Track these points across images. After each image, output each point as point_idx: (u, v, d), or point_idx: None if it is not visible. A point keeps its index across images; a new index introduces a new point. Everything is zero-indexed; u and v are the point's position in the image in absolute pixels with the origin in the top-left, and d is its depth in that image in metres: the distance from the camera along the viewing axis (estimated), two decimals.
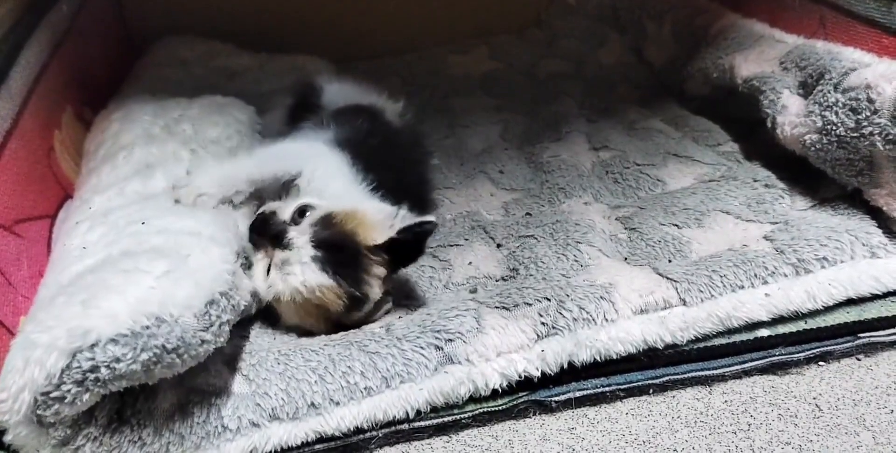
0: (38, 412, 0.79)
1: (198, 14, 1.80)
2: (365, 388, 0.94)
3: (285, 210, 1.03)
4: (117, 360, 0.79)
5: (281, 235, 1.00)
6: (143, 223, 1.02)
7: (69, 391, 0.79)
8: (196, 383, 0.93)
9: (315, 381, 0.94)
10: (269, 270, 1.01)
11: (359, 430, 0.93)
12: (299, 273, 0.98)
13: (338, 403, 0.93)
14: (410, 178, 1.29)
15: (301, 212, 1.01)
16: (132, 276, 0.88)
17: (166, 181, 1.14)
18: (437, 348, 0.97)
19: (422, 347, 0.97)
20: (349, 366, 0.95)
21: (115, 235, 1.01)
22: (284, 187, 1.11)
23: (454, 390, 0.96)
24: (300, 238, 0.99)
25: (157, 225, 1.02)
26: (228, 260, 0.98)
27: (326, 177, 1.10)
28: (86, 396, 0.80)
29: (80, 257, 0.99)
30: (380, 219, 1.01)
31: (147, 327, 0.81)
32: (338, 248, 0.99)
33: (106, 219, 1.06)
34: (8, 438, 0.81)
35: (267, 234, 1.01)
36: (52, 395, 0.79)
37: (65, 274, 0.96)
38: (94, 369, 0.79)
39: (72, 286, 0.90)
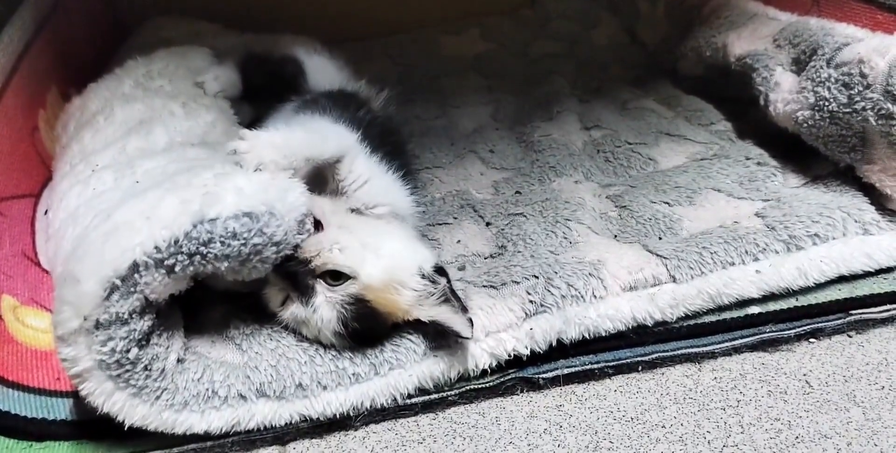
0: (136, 275, 0.79)
1: None
2: (353, 374, 0.93)
3: (318, 260, 0.93)
4: (234, 236, 0.82)
5: (307, 292, 0.92)
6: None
7: (179, 260, 0.81)
8: (193, 343, 0.94)
9: (305, 362, 0.93)
10: (285, 299, 0.96)
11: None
12: (318, 333, 0.94)
13: (325, 387, 0.92)
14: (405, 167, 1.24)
15: (335, 275, 0.93)
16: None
17: (168, 136, 1.14)
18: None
19: (409, 332, 0.97)
20: (339, 350, 0.94)
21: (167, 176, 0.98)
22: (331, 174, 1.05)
23: (444, 374, 0.96)
24: (327, 307, 0.92)
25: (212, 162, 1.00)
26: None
27: (367, 177, 1.05)
28: (189, 269, 0.82)
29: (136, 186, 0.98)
30: (416, 299, 0.94)
31: (264, 213, 0.84)
32: (365, 328, 0.94)
33: (133, 169, 1.05)
34: (65, 292, 0.80)
35: (293, 284, 0.93)
36: (165, 262, 0.80)
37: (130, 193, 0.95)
38: (209, 242, 0.81)
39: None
